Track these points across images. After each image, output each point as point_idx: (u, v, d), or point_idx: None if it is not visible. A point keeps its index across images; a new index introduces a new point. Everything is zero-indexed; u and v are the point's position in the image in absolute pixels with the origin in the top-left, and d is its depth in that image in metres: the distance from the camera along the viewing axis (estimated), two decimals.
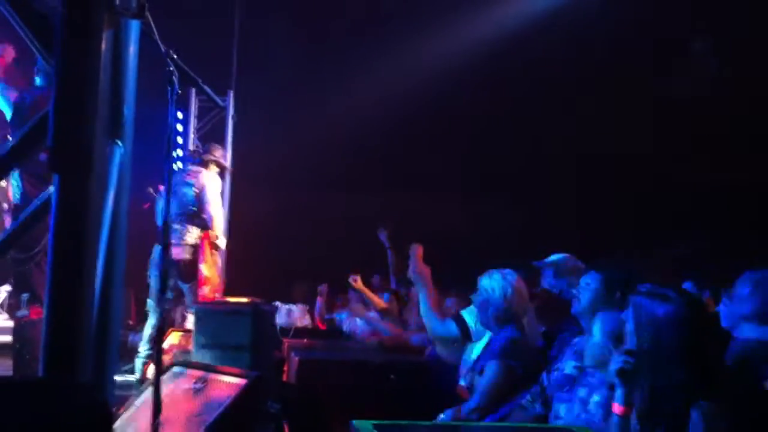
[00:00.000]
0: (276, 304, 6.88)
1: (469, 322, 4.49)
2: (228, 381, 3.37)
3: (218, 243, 6.78)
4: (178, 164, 8.98)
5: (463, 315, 4.56)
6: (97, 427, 1.14)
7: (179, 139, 8.62)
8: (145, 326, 6.55)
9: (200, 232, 6.65)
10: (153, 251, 6.57)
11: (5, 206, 6.19)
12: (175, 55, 2.75)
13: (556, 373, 3.50)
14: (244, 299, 5.40)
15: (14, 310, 5.89)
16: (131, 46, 1.76)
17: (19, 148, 1.72)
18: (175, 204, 6.60)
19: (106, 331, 1.52)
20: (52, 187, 1.40)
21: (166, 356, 5.06)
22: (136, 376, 6.08)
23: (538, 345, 4.09)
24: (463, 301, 5.02)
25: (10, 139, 4.98)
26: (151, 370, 4.93)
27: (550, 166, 10.82)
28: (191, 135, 8.97)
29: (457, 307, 5.14)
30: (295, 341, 5.73)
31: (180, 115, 8.86)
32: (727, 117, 9.35)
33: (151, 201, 7.74)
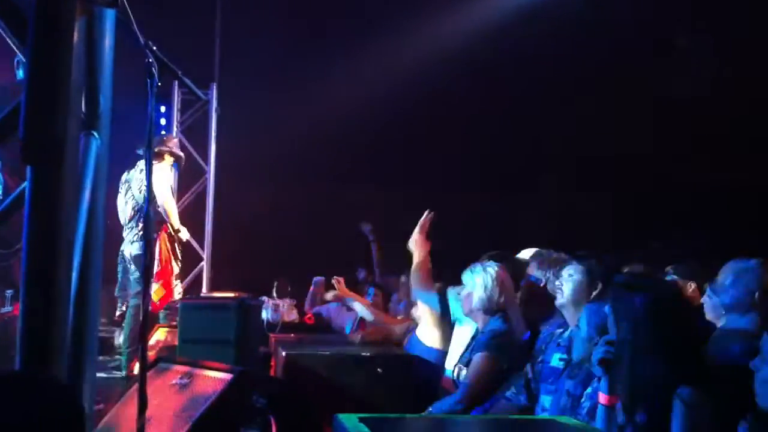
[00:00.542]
0: (263, 299, 6.85)
1: (453, 306, 4.49)
2: (213, 376, 3.34)
3: (180, 236, 6.65)
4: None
5: (448, 294, 4.55)
6: (67, 422, 1.12)
7: (162, 133, 8.54)
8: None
9: (157, 226, 6.51)
10: (121, 246, 6.50)
11: None
12: (155, 47, 2.72)
13: (541, 365, 3.50)
14: (230, 294, 5.37)
15: None
16: (107, 36, 1.72)
17: None
18: (131, 200, 6.46)
19: (84, 327, 1.49)
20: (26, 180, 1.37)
21: (151, 352, 5.03)
22: (122, 373, 6.05)
23: (524, 338, 4.09)
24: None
25: None
26: (137, 367, 4.90)
27: (547, 162, 10.83)
28: (174, 129, 8.89)
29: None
30: (282, 336, 5.70)
31: (162, 109, 8.78)
32: (727, 117, 9.38)
33: None
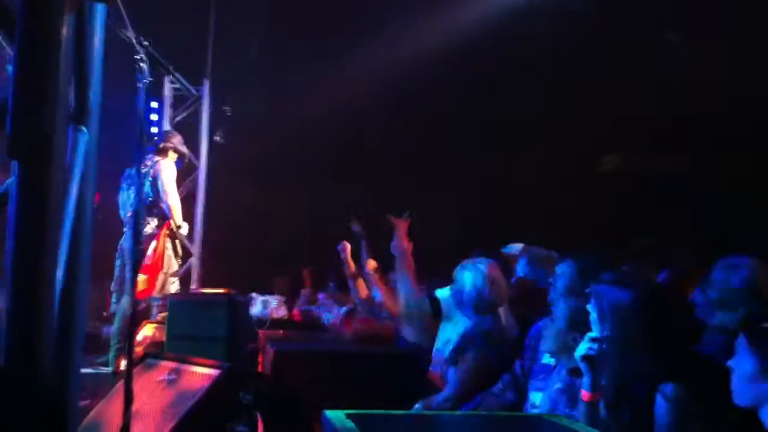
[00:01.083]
0: (252, 295, 6.85)
1: (443, 300, 4.50)
2: (201, 372, 3.35)
3: (181, 231, 6.70)
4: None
5: (437, 294, 4.56)
6: (50, 418, 1.12)
7: (154, 129, 8.52)
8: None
9: (158, 222, 6.58)
10: (121, 241, 6.53)
11: None
12: (147, 42, 2.72)
13: (530, 362, 3.51)
14: (220, 290, 5.37)
15: None
16: (97, 31, 1.72)
17: None
18: (134, 195, 6.52)
19: (70, 323, 1.49)
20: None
21: (139, 348, 5.03)
22: (110, 369, 6.04)
23: (514, 335, 4.10)
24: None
25: None
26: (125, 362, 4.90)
27: (522, 158, 10.85)
28: (166, 125, 8.86)
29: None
30: (271, 332, 5.70)
31: (154, 105, 8.76)
32: (709, 110, 9.43)
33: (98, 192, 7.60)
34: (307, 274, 9.38)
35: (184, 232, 6.76)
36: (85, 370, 5.83)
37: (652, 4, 8.76)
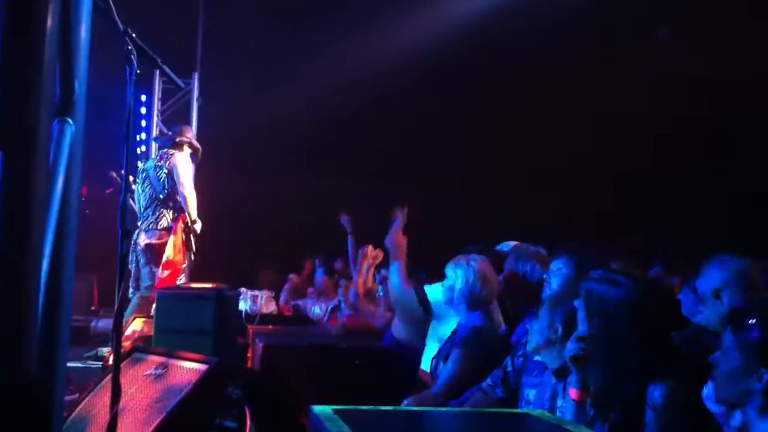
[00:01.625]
0: (241, 290, 6.83)
1: (432, 298, 4.50)
2: (189, 367, 3.33)
3: (195, 227, 6.66)
4: (142, 147, 8.85)
5: (426, 290, 4.57)
6: (33, 413, 1.11)
7: (143, 122, 8.48)
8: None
9: (174, 215, 6.58)
10: (134, 235, 6.55)
11: None
12: (135, 34, 2.70)
13: (523, 358, 3.50)
14: (209, 285, 5.34)
15: None
16: (83, 21, 1.69)
17: None
18: (148, 189, 6.58)
19: (55, 317, 1.47)
20: None
21: (127, 342, 5.00)
22: (100, 363, 6.01)
23: (501, 331, 4.10)
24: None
25: None
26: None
27: (512, 153, 10.86)
28: (155, 118, 8.83)
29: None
30: (260, 327, 5.68)
31: (143, 98, 8.72)
32: (694, 110, 9.46)
33: (114, 186, 7.63)
34: (309, 265, 9.36)
35: (198, 229, 6.68)
36: (73, 364, 5.83)
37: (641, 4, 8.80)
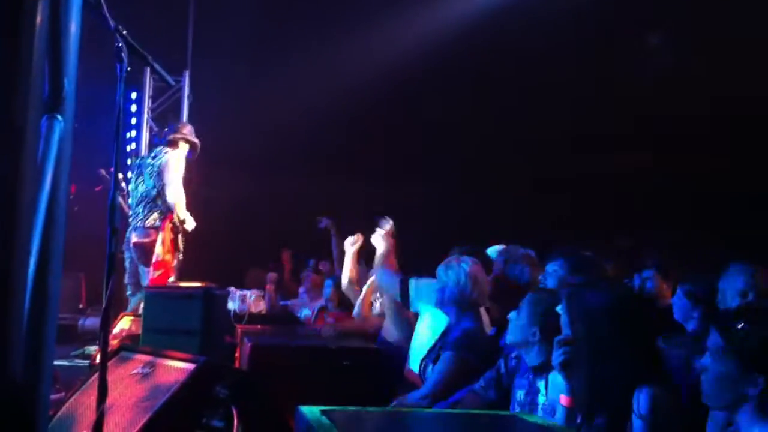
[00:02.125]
0: (230, 289, 6.81)
1: (414, 297, 4.51)
2: (176, 366, 3.31)
3: (186, 226, 6.59)
4: (132, 145, 8.82)
5: (410, 282, 4.57)
6: (18, 412, 1.10)
7: (133, 120, 8.45)
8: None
9: (162, 214, 6.52)
10: (127, 233, 6.53)
11: None
12: (125, 32, 2.69)
13: (516, 360, 3.51)
14: (197, 284, 5.32)
15: None
16: (73, 17, 1.68)
17: None
18: (140, 186, 6.56)
19: (41, 315, 1.46)
20: None
21: (115, 340, 4.98)
22: (87, 361, 5.99)
23: (490, 333, 4.11)
24: None
25: None
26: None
27: (518, 157, 10.90)
28: (145, 116, 8.80)
29: None
30: (249, 327, 5.66)
31: (134, 95, 8.69)
32: (693, 111, 9.50)
33: (103, 184, 7.60)
34: (287, 258, 9.34)
35: (189, 227, 6.57)
36: (60, 362, 5.80)
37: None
